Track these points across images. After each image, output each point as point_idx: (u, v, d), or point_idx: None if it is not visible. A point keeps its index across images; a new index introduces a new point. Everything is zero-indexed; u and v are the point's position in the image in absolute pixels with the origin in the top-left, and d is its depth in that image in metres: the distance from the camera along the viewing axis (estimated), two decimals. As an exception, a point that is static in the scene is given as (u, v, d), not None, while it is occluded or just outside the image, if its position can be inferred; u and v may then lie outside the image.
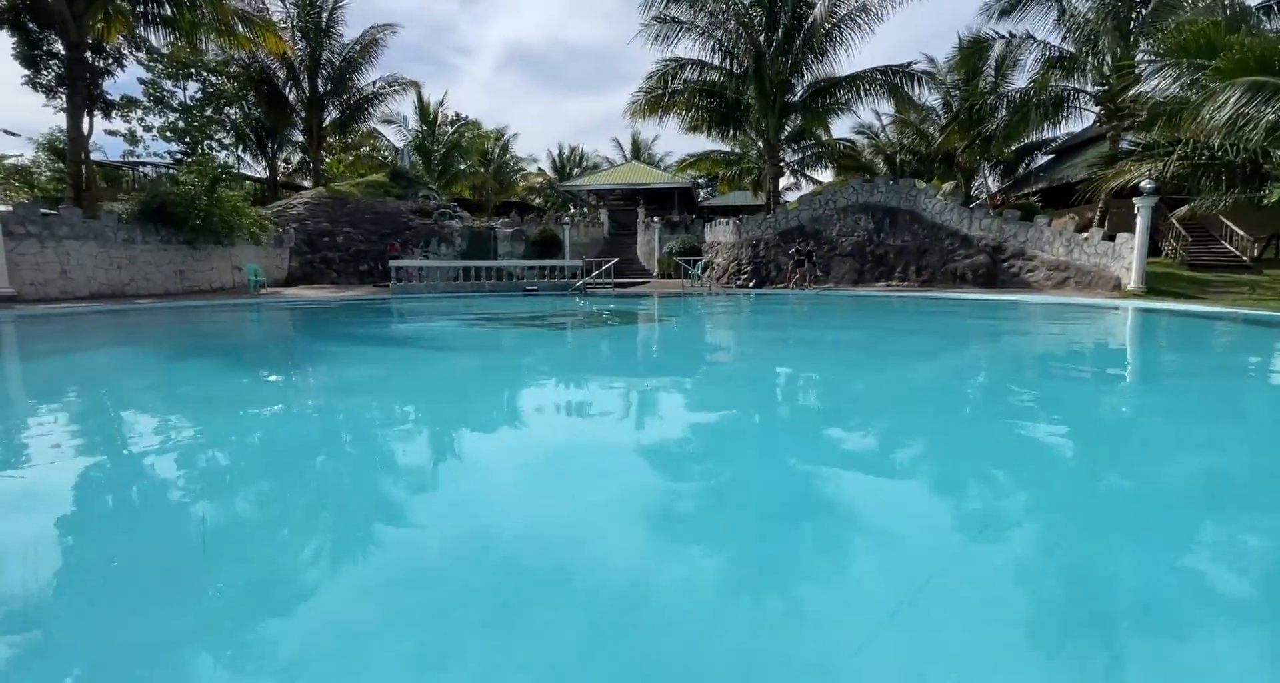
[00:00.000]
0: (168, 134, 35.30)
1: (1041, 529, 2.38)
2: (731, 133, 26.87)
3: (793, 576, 1.99)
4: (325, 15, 27.89)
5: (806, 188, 39.96)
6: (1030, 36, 21.84)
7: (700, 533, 2.36)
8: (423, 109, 37.11)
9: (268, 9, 26.05)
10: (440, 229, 27.47)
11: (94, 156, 31.06)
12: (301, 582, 2.00)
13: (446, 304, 16.13)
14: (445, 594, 1.87)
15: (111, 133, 33.87)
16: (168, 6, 18.66)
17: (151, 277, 16.91)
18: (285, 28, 26.81)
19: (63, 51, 19.39)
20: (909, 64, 22.93)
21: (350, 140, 36.25)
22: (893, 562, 2.05)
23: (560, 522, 2.40)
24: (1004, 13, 22.61)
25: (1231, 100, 11.56)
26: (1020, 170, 31.40)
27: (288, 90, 28.95)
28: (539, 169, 63.39)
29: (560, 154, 61.61)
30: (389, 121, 37.41)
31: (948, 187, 28.77)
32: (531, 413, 4.65)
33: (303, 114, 29.12)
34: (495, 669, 1.53)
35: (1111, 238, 14.97)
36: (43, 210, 14.74)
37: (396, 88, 29.95)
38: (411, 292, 18.58)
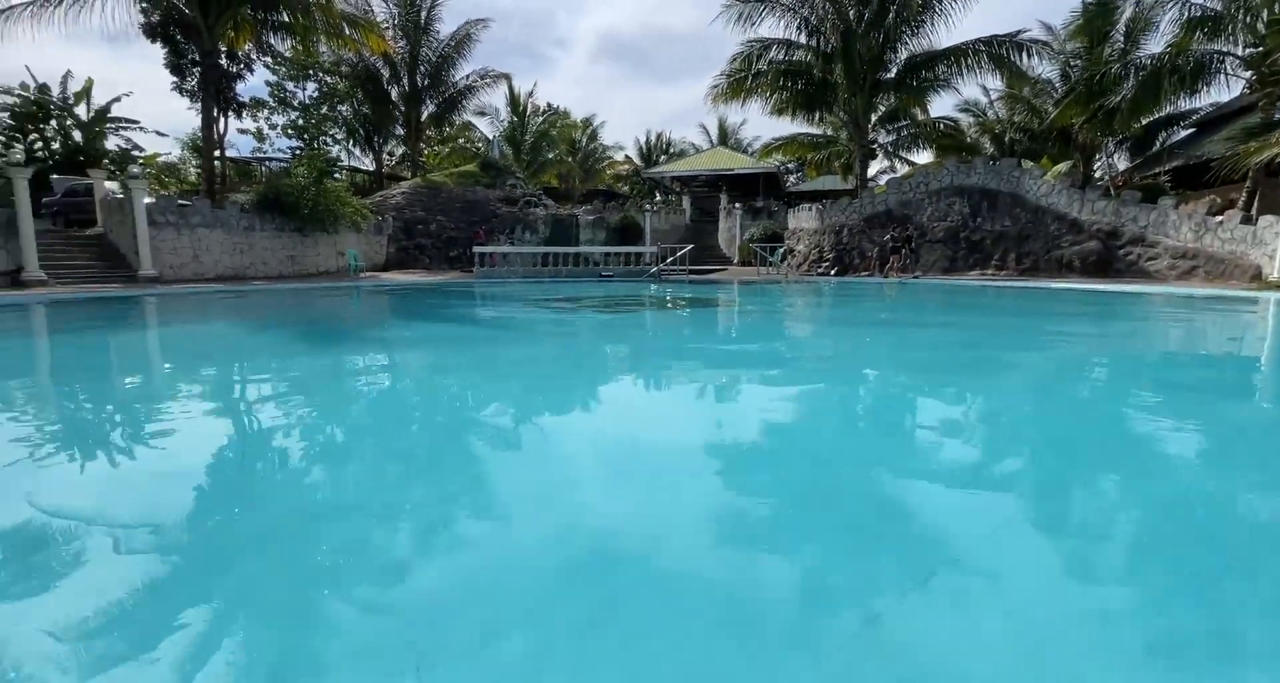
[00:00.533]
0: (289, 131, 38.61)
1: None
2: (818, 115, 25.86)
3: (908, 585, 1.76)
4: (424, 14, 29.34)
5: (903, 171, 37.74)
6: (1167, -7, 19.35)
7: (788, 537, 2.16)
8: (514, 100, 38.31)
9: (372, 10, 27.82)
10: (525, 216, 28.41)
11: (228, 153, 34.55)
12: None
13: (525, 288, 16.73)
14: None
15: (243, 131, 37.49)
16: (285, 14, 20.35)
17: (268, 261, 18.71)
18: (387, 27, 28.51)
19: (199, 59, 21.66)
20: (1018, 33, 21.04)
21: (445, 132, 38.10)
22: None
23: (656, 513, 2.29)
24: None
25: None
26: (1154, 147, 28.04)
27: (390, 87, 30.75)
28: (626, 156, 63.92)
29: (647, 141, 61.62)
30: (482, 113, 38.92)
31: (1062, 167, 26.19)
32: (608, 396, 4.71)
33: (402, 109, 30.84)
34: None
35: (1252, 221, 13.12)
36: (180, 202, 16.64)
37: (488, 80, 31.11)
38: (494, 276, 19.40)
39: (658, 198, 43.24)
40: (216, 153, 32.44)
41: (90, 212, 16.90)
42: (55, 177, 20.04)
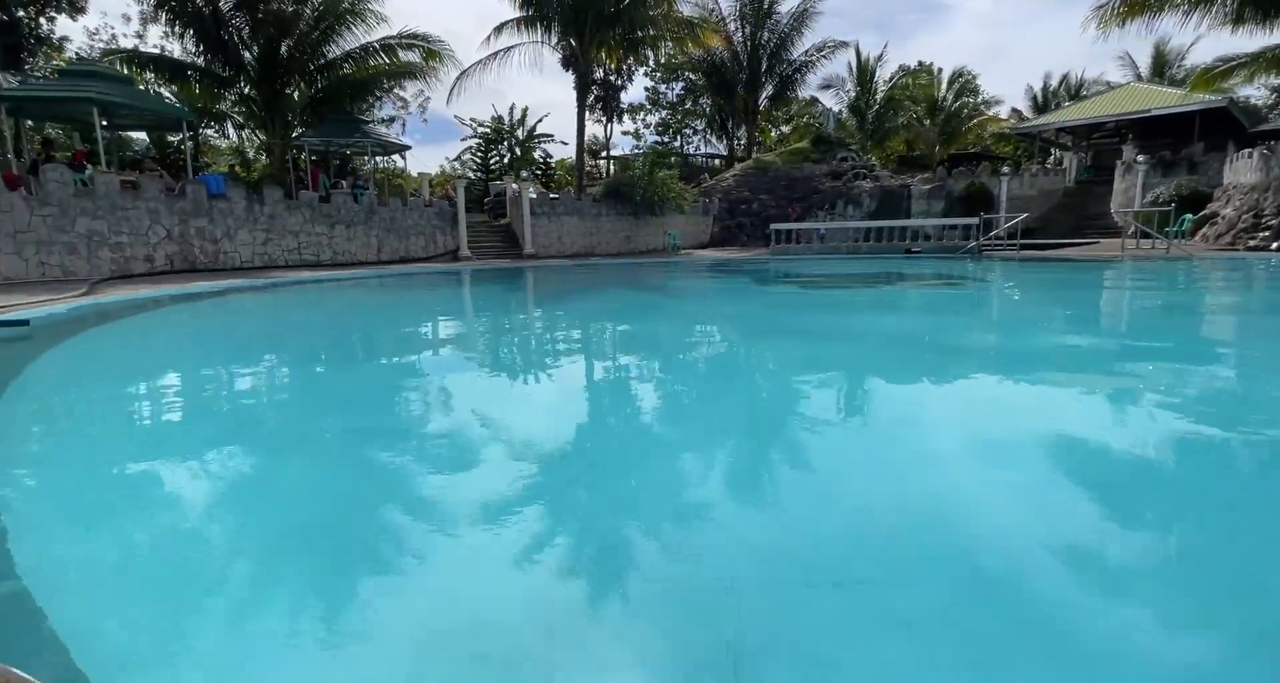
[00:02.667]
0: (659, 129, 44.82)
1: None
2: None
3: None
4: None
5: None
6: None
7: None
8: (861, 68, 36.48)
9: (718, 7, 30.12)
10: (848, 190, 27.37)
11: (615, 152, 42.02)
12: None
13: (811, 265, 16.73)
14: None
15: (625, 133, 45.05)
16: (639, 31, 23.91)
17: (610, 241, 22.89)
18: (732, 19, 30.48)
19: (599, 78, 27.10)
20: None
21: (785, 111, 38.77)
22: None
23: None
24: None
25: None
26: None
27: (735, 75, 32.81)
28: (1014, 111, 54.23)
29: (1044, 88, 50.97)
30: (828, 86, 38.27)
31: None
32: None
33: (743, 94, 32.63)
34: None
35: None
36: (551, 196, 21.72)
37: (825, 53, 30.51)
38: (789, 253, 19.72)
39: (1052, 156, 35.79)
40: (603, 153, 39.89)
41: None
42: (494, 182, 28.09)
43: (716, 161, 43.28)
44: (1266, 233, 15.58)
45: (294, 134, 18.77)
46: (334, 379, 4.60)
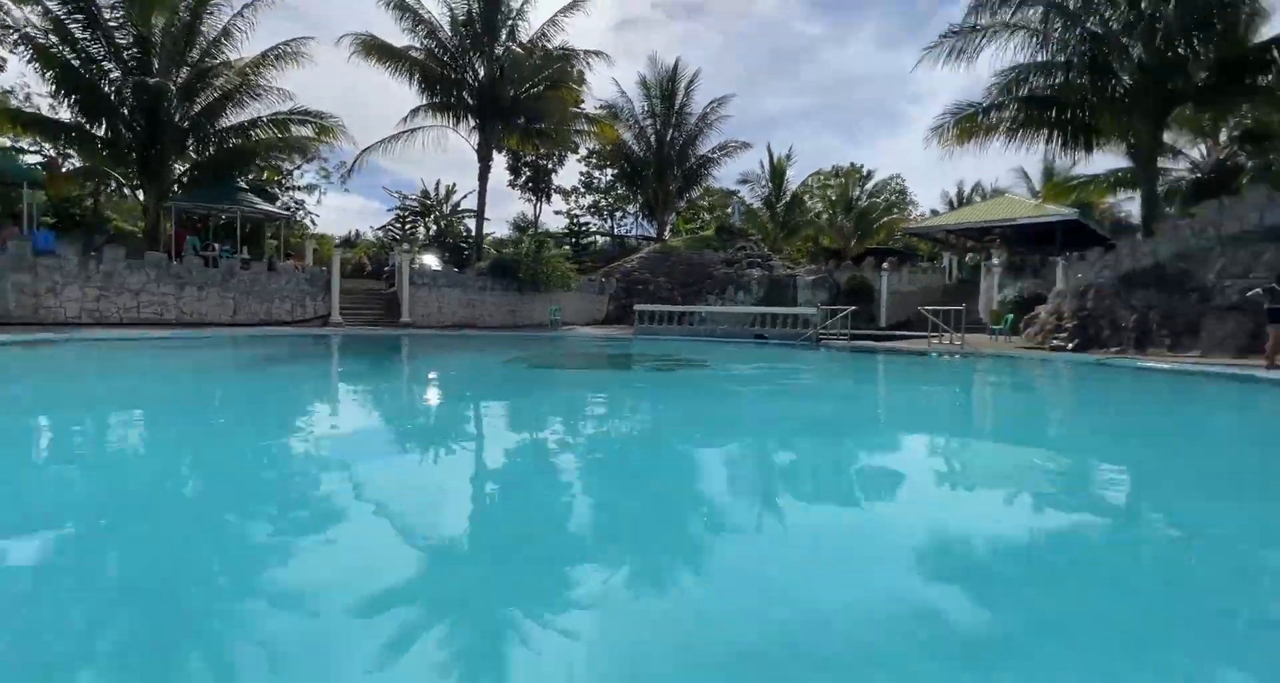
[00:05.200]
0: (591, 210, 46.84)
1: None
2: (1087, 146, 20.10)
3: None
4: (679, 99, 32.99)
5: None
6: None
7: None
8: (773, 167, 39.41)
9: (630, 102, 32.57)
10: (739, 277, 28.81)
11: (545, 230, 43.21)
12: None
13: (663, 346, 17.48)
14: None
15: (557, 213, 46.89)
16: (538, 122, 25.76)
17: (493, 313, 23.49)
18: (645, 116, 32.96)
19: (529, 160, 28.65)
20: None
21: (692, 200, 41.19)
22: None
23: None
24: None
25: None
26: None
27: (649, 167, 35.02)
28: (932, 212, 58.38)
29: (959, 193, 55.40)
30: (745, 181, 41.05)
31: None
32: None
33: (654, 184, 34.73)
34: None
35: None
36: (432, 268, 22.44)
37: (729, 151, 32.97)
38: (651, 332, 20.48)
39: (970, 257, 38.26)
40: (530, 230, 41.27)
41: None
42: (393, 252, 28.88)
43: (646, 242, 45.32)
44: (1065, 334, 16.86)
45: (169, 199, 19.36)
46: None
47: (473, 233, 39.37)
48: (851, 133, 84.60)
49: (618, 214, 48.21)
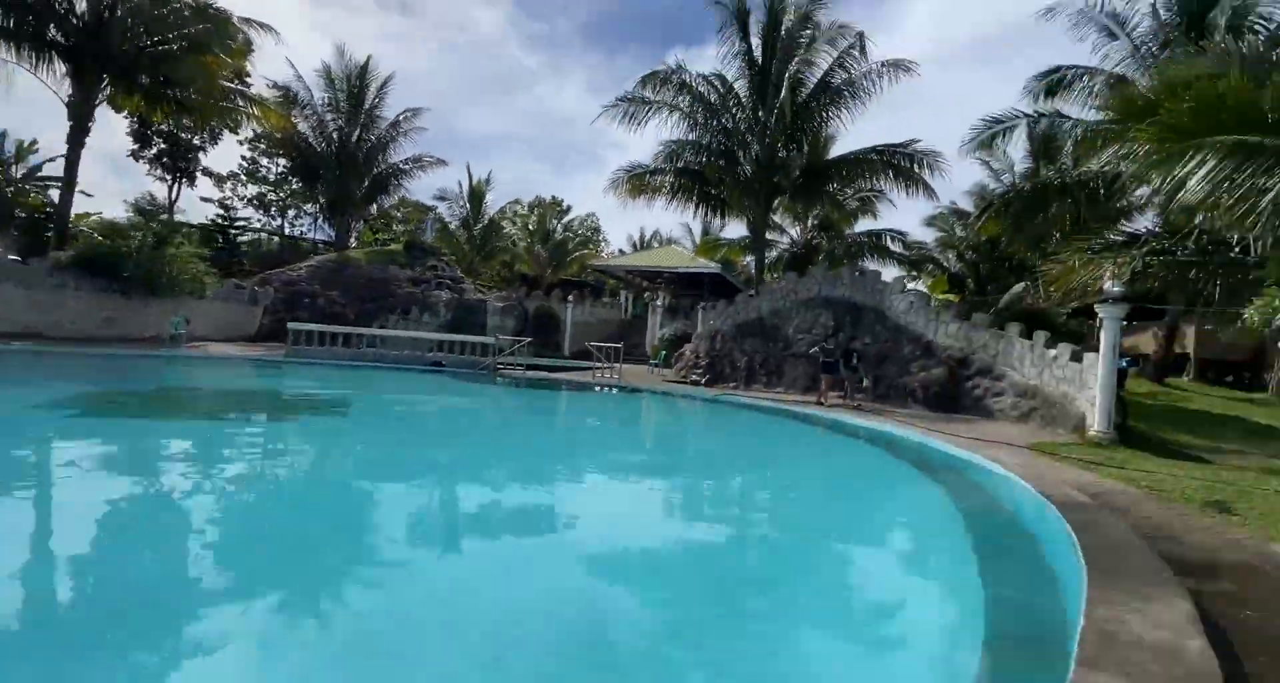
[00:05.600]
0: (256, 203, 39.70)
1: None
2: (721, 215, 24.81)
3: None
4: (369, 99, 30.28)
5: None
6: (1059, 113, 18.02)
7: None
8: (473, 189, 39.06)
9: (308, 90, 28.80)
10: (425, 298, 27.52)
11: (182, 218, 35.05)
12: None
13: (316, 375, 15.29)
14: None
15: (205, 199, 38.75)
16: (175, 89, 20.78)
17: (80, 321, 17.73)
18: (325, 108, 29.42)
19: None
20: (909, 143, 19.80)
21: (385, 209, 38.64)
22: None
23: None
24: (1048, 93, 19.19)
25: (1206, 168, 7.77)
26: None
27: (329, 166, 31.20)
28: (619, 251, 64.80)
29: (641, 236, 62.62)
30: (443, 198, 39.71)
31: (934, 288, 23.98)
32: None
33: (334, 185, 31.12)
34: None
35: (1080, 358, 10.63)
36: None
37: (423, 165, 31.49)
38: (307, 356, 17.94)
39: (648, 295, 42.32)
40: (162, 216, 33.12)
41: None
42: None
43: (328, 248, 40.28)
44: (700, 370, 20.05)
45: None
46: None
47: (50, 206, 29.90)
48: (559, 165, 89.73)
49: (290, 212, 42.01)
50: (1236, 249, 8.56)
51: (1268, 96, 7.21)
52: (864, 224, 30.31)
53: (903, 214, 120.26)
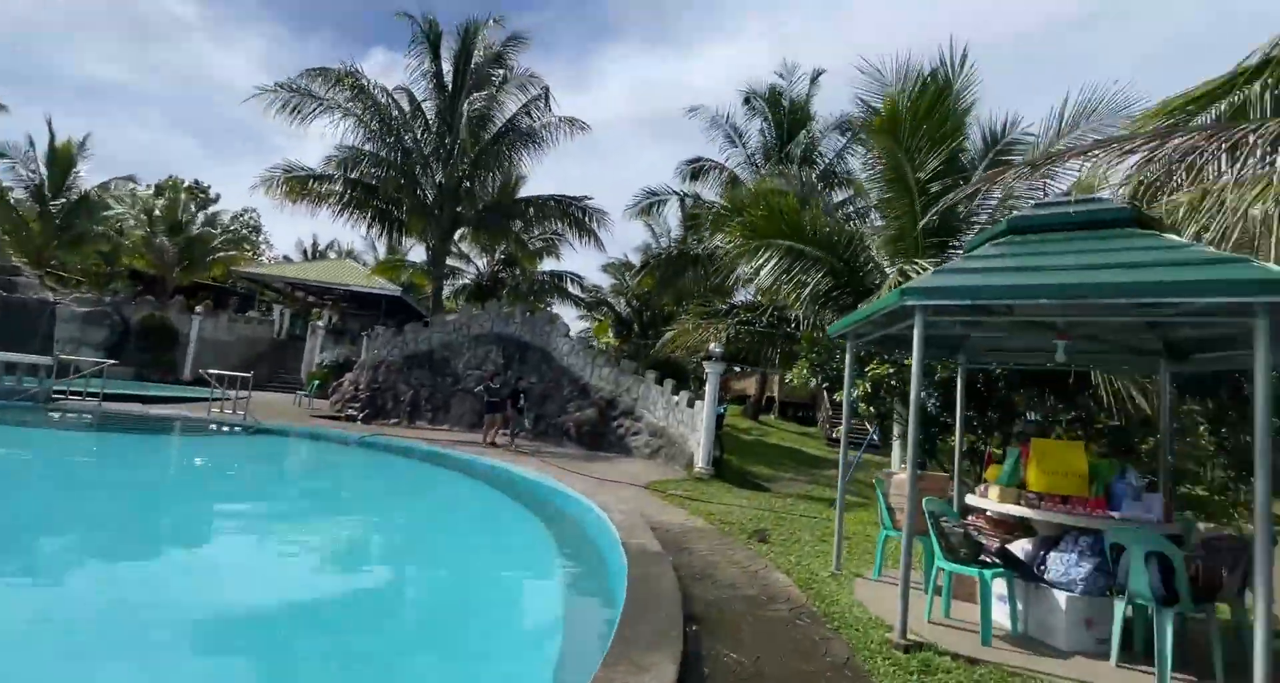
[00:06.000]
0: None
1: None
2: (400, 236, 23.37)
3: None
4: None
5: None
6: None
7: None
8: (56, 150, 29.23)
9: None
10: (-59, 292, 19.27)
11: None
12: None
13: None
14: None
15: None
16: None
17: None
18: None
19: None
20: (583, 198, 21.56)
21: None
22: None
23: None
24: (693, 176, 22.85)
25: (773, 263, 9.78)
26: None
27: None
28: (285, 257, 56.13)
29: (313, 245, 55.08)
30: (3, 155, 28.75)
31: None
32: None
33: None
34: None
35: (693, 404, 12.63)
36: None
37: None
38: None
39: (323, 314, 36.00)
40: None
41: None
42: None
43: None
44: (359, 404, 18.03)
45: None
46: None
47: None
48: (213, 145, 74.07)
49: None
50: (792, 324, 11.28)
51: (807, 217, 9.55)
52: (549, 264, 31.86)
53: (584, 258, 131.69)
